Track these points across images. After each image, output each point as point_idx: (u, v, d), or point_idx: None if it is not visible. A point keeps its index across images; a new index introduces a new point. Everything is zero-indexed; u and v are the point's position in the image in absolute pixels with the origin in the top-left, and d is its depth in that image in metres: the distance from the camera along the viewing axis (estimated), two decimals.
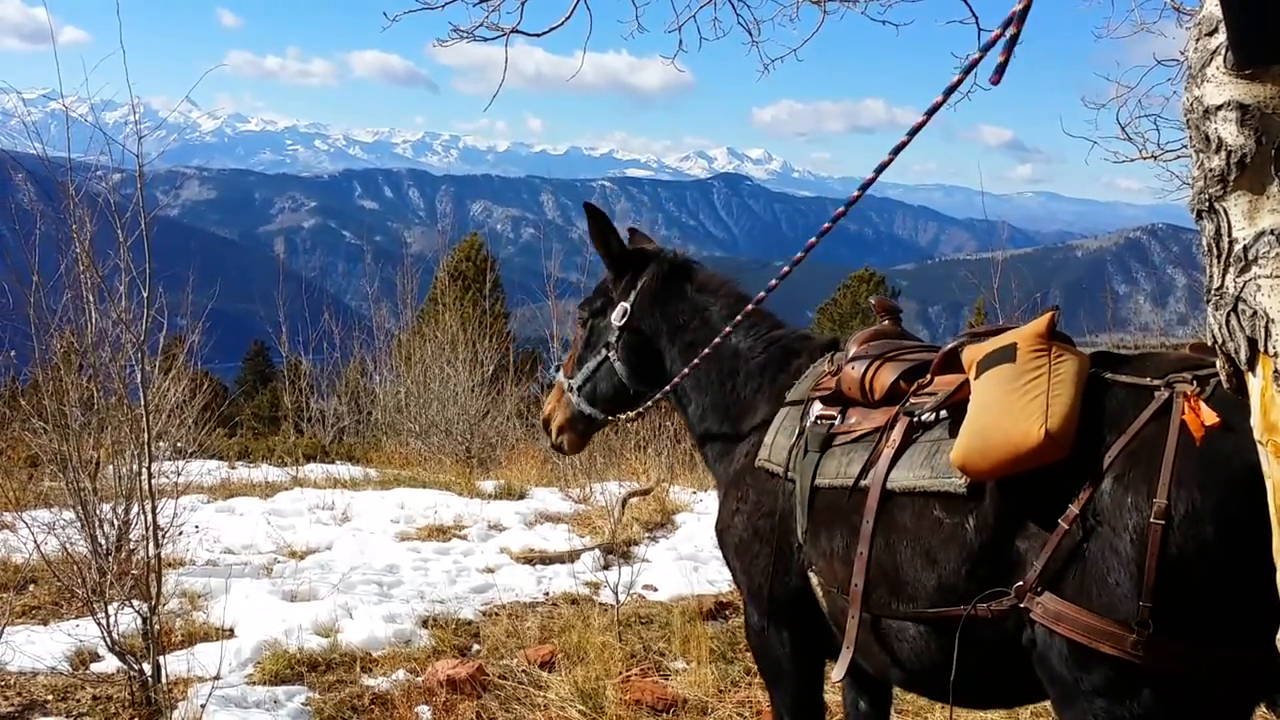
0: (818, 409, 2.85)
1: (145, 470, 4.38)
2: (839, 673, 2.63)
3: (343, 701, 4.45)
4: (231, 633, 5.24)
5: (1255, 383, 1.72)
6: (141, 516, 4.50)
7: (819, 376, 2.96)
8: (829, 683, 3.07)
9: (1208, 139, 1.70)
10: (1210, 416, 1.98)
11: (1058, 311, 2.35)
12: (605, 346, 3.51)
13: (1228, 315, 1.73)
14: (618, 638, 5.20)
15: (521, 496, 9.94)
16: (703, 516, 8.45)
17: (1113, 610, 2.03)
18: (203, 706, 4.10)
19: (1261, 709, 2.18)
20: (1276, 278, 1.64)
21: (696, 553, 7.36)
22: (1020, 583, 2.17)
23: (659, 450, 10.97)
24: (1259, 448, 1.73)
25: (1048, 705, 3.39)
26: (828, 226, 2.55)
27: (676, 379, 3.29)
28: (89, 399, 4.69)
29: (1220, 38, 1.66)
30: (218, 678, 4.36)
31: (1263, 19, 1.55)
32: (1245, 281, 1.68)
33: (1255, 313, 1.67)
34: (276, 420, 19.75)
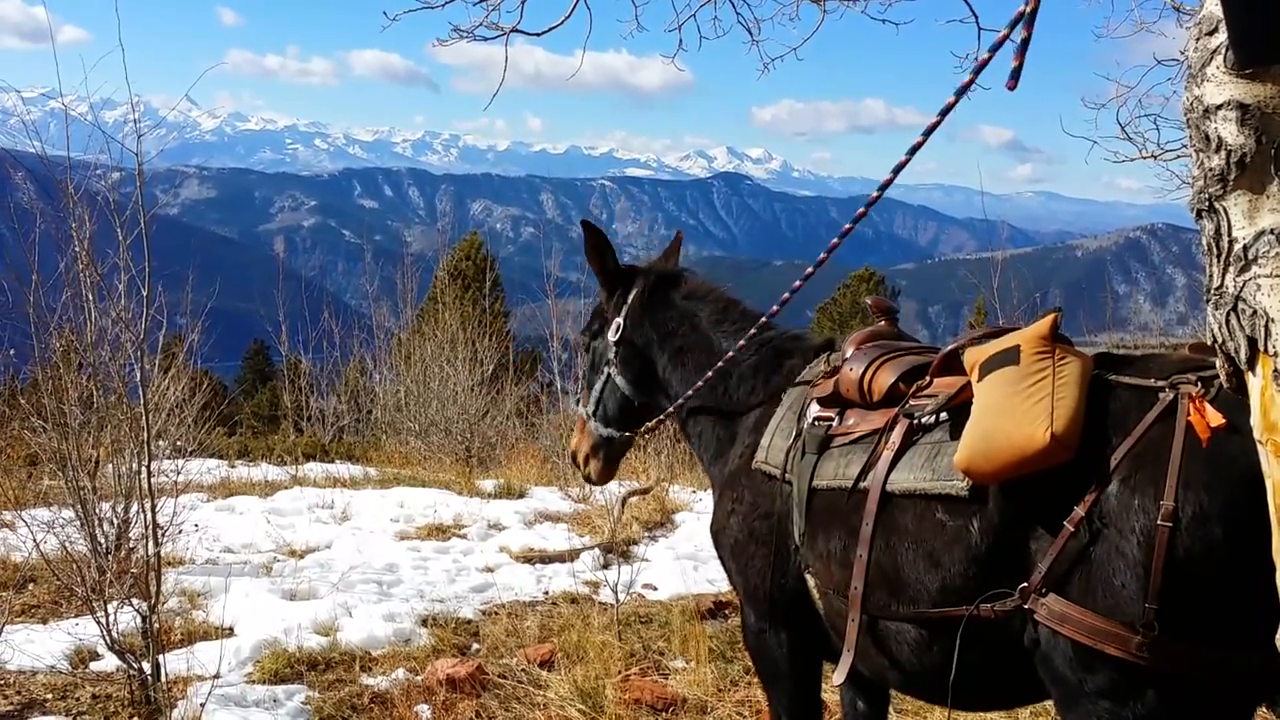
0: (815, 410, 2.84)
1: (145, 469, 4.39)
2: (839, 676, 2.62)
3: (342, 700, 4.45)
4: (231, 631, 5.24)
5: (1255, 382, 1.72)
6: (141, 515, 4.50)
7: (816, 377, 2.96)
8: (827, 683, 3.07)
9: (1208, 138, 1.70)
10: (1216, 418, 1.97)
11: (1060, 313, 2.34)
12: (606, 364, 3.58)
13: (1228, 315, 1.73)
14: (617, 637, 5.20)
15: (521, 495, 9.94)
16: (702, 516, 8.45)
17: (1118, 612, 2.03)
18: (202, 705, 4.10)
19: (1262, 709, 2.18)
20: (1276, 277, 1.64)
21: (696, 552, 7.35)
22: (1024, 584, 2.16)
23: (658, 450, 10.98)
24: (1259, 447, 1.73)
25: (1047, 705, 3.40)
26: (849, 227, 2.52)
27: (685, 395, 3.29)
28: (88, 398, 4.69)
29: (1220, 37, 1.66)
30: (217, 676, 4.36)
31: (1263, 18, 1.55)
32: (1245, 281, 1.69)
33: (1255, 312, 1.68)
34: (276, 419, 19.73)
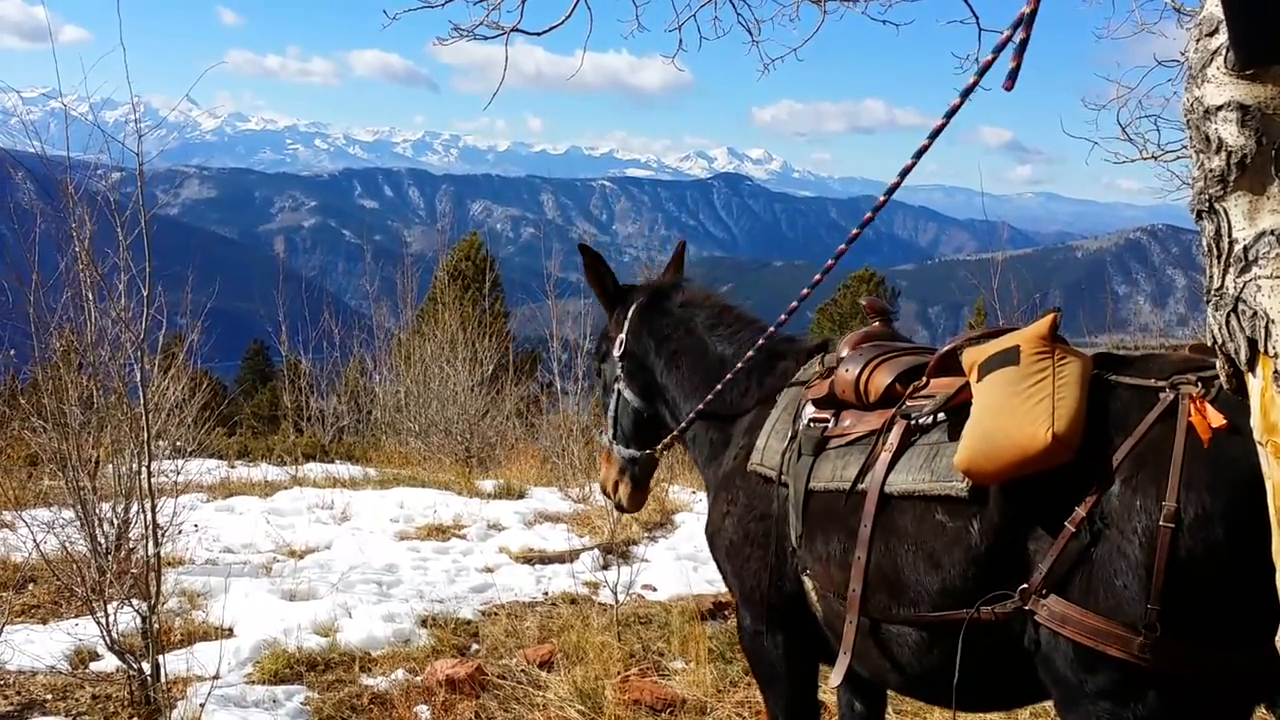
0: (810, 412, 2.83)
1: (145, 469, 4.38)
2: (836, 678, 2.61)
3: (342, 701, 4.45)
4: (231, 632, 5.24)
5: (1255, 383, 1.72)
6: (141, 515, 4.50)
7: (811, 378, 2.96)
8: (825, 683, 3.07)
9: (1208, 139, 1.70)
10: (1217, 418, 1.97)
11: (1059, 313, 2.34)
12: (615, 382, 3.61)
13: (1228, 316, 1.73)
14: (617, 637, 5.20)
15: (521, 496, 9.93)
16: (702, 516, 8.43)
17: (1119, 613, 2.02)
18: (202, 706, 4.10)
19: (1261, 710, 2.17)
20: (1276, 278, 1.64)
21: (696, 552, 7.35)
22: (1025, 585, 2.16)
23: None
24: (1259, 448, 1.73)
25: (1047, 705, 3.40)
26: (855, 234, 2.55)
27: (696, 410, 3.29)
28: (88, 398, 4.69)
29: (1221, 38, 1.66)
30: (217, 677, 4.36)
31: (1263, 19, 1.55)
32: (1245, 282, 1.69)
33: (1255, 313, 1.68)
34: (276, 419, 19.71)
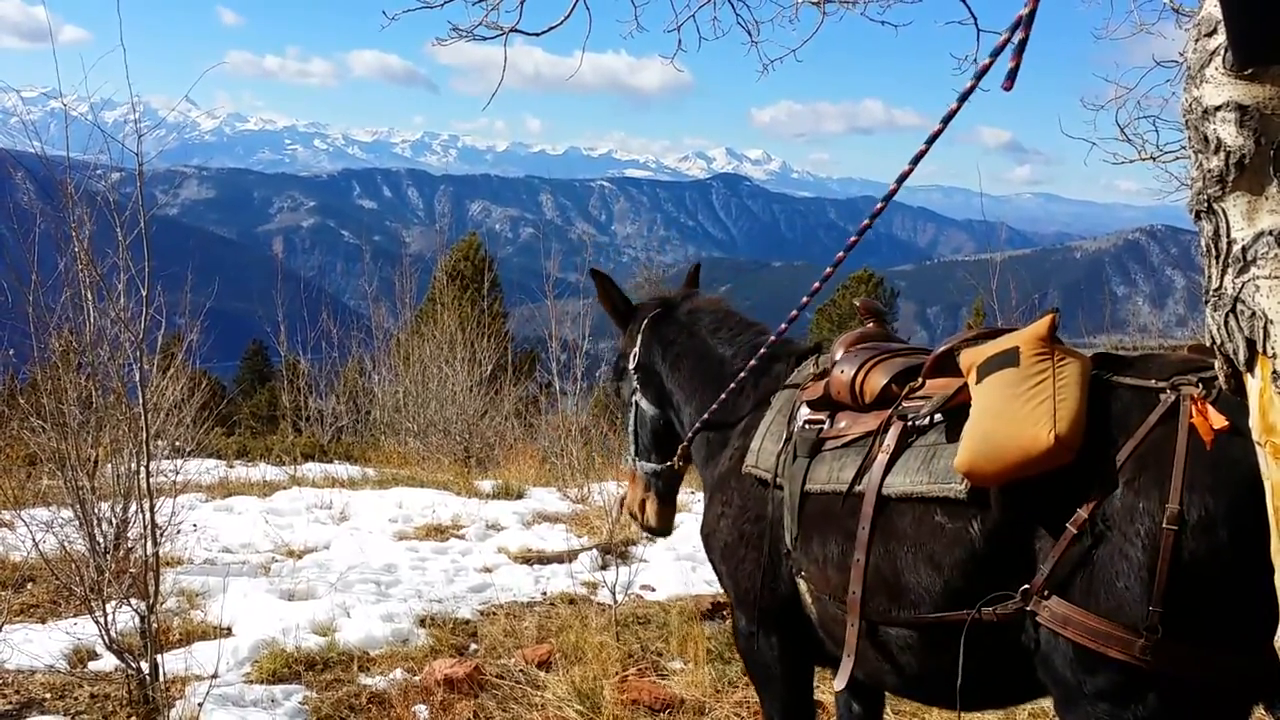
0: (805, 413, 2.83)
1: (143, 469, 4.38)
2: (840, 682, 2.60)
3: (340, 700, 4.45)
4: (229, 631, 5.23)
5: (1254, 383, 1.72)
6: (139, 515, 4.49)
7: (805, 380, 2.96)
8: (823, 683, 3.07)
9: (1206, 139, 1.70)
10: (1218, 420, 1.96)
11: (1057, 314, 2.33)
12: (632, 395, 3.64)
13: (1226, 316, 1.73)
14: (615, 637, 5.20)
15: (519, 496, 9.93)
16: (700, 517, 8.43)
17: (1120, 614, 2.02)
18: (200, 705, 4.10)
19: (1259, 710, 2.18)
20: (1275, 278, 1.64)
21: (694, 553, 7.34)
22: (1026, 586, 2.15)
23: None
24: (1258, 449, 1.73)
25: (1046, 706, 3.40)
26: (853, 240, 2.59)
27: (702, 420, 3.31)
28: (87, 397, 4.69)
29: (1219, 38, 1.66)
30: (215, 676, 4.36)
31: (1262, 19, 1.55)
32: (1244, 282, 1.69)
33: (1254, 313, 1.68)
34: (275, 419, 19.70)
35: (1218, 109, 1.67)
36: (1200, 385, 2.04)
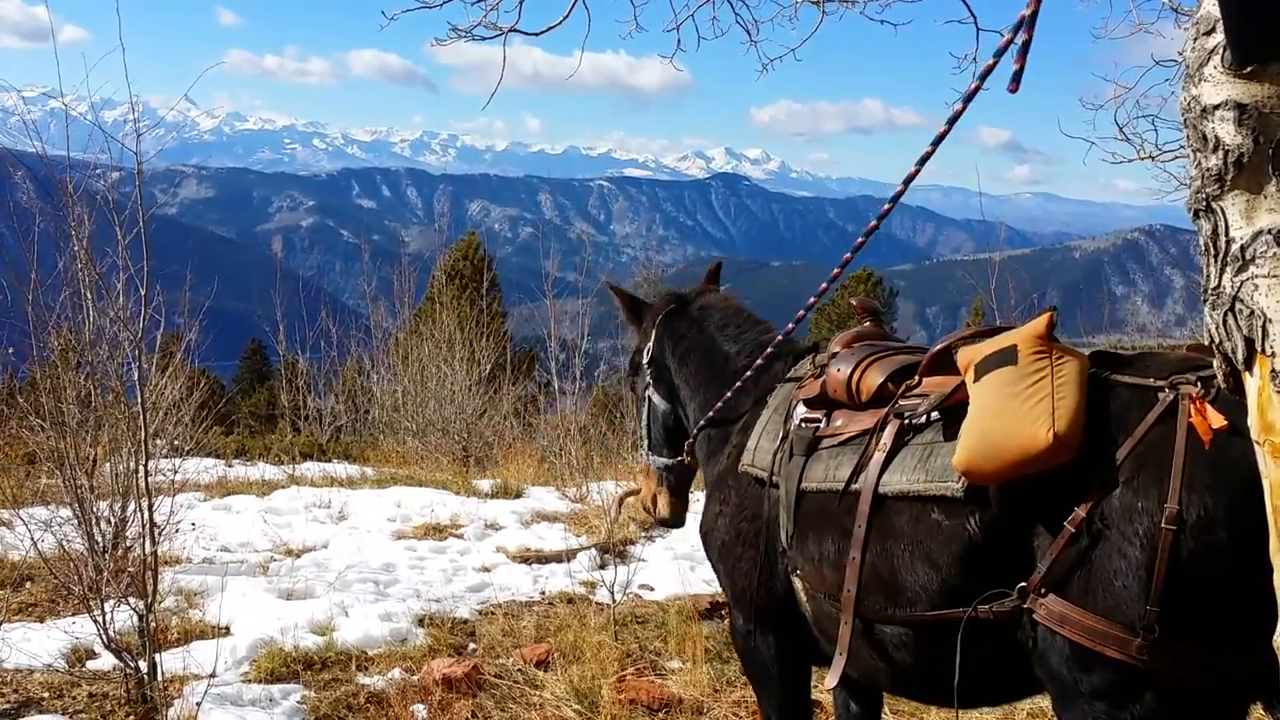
0: (802, 411, 2.83)
1: (142, 468, 4.38)
2: (832, 680, 2.61)
3: (338, 700, 4.45)
4: (227, 631, 5.23)
5: (1252, 382, 1.72)
6: (138, 514, 4.49)
7: (802, 378, 2.97)
8: (820, 683, 3.07)
9: (1205, 138, 1.70)
10: (1217, 419, 1.96)
11: (1055, 312, 2.33)
12: (645, 390, 3.68)
13: (1225, 315, 1.73)
14: (613, 637, 5.20)
15: (518, 495, 9.93)
16: (699, 516, 8.43)
17: (1118, 613, 2.02)
18: (198, 704, 4.10)
19: (1258, 710, 2.18)
20: (1274, 277, 1.64)
21: (693, 552, 7.34)
22: (1024, 584, 2.15)
23: None
24: (1256, 448, 1.73)
25: (1045, 707, 3.40)
26: (860, 242, 2.61)
27: (707, 418, 3.33)
28: (86, 396, 4.69)
29: (1218, 37, 1.66)
30: (213, 675, 4.36)
31: (1260, 17, 1.55)
32: (1242, 281, 1.68)
33: (1253, 312, 1.67)
34: (273, 418, 19.69)
35: (1216, 108, 1.67)
36: (1199, 384, 2.04)
